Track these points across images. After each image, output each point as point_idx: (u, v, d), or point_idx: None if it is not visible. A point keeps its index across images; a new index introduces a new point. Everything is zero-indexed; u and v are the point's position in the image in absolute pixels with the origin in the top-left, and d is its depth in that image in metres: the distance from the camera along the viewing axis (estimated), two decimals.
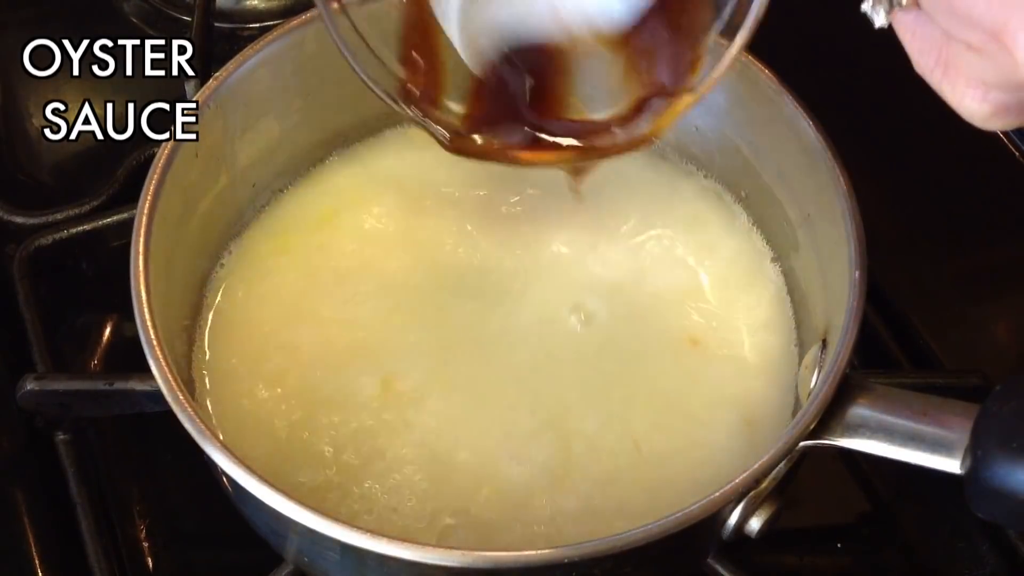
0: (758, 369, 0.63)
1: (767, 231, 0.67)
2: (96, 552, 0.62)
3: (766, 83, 0.61)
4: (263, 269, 0.66)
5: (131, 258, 0.55)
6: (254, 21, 0.85)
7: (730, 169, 0.68)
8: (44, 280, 0.72)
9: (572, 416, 0.60)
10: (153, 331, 0.53)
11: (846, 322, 0.53)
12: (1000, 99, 0.40)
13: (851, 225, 0.56)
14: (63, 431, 0.66)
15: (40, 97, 0.82)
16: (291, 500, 0.48)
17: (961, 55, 0.40)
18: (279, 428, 0.60)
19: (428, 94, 0.58)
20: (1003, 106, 0.41)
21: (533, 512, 0.57)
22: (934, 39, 0.41)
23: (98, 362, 0.71)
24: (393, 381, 0.61)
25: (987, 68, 0.39)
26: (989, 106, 0.41)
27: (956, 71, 0.41)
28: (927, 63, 0.42)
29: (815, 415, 0.51)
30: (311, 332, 0.63)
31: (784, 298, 0.65)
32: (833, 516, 0.67)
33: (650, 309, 0.64)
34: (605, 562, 0.48)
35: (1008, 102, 0.40)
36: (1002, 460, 0.46)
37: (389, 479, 0.58)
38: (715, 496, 0.49)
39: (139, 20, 0.89)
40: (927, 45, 0.42)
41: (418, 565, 0.47)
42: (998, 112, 0.41)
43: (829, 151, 0.58)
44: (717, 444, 0.60)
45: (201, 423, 0.50)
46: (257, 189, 0.68)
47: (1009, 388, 0.48)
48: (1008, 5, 0.37)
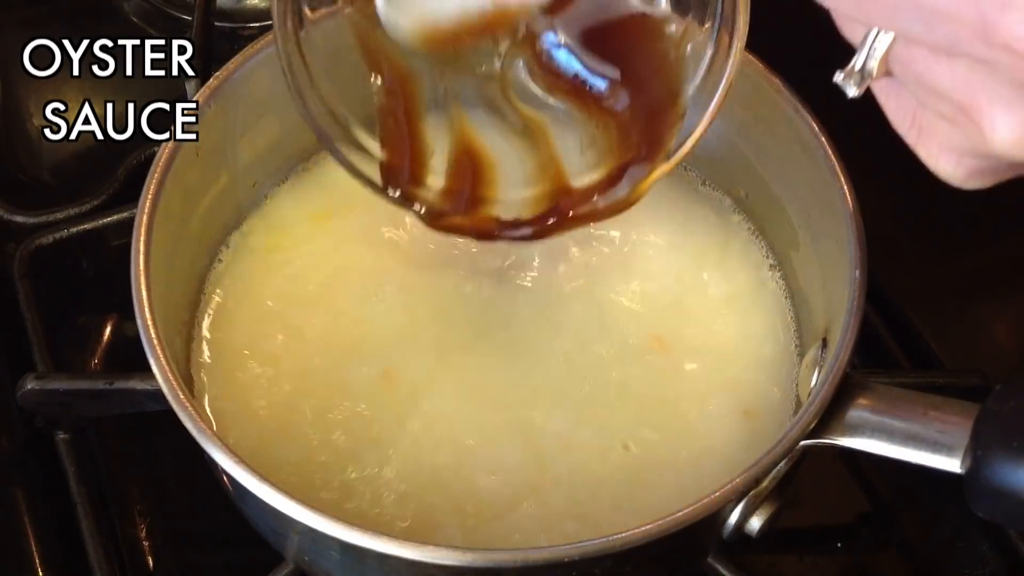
0: (758, 369, 0.63)
1: (767, 231, 0.67)
2: (96, 551, 0.62)
3: (767, 82, 0.61)
4: (263, 266, 0.66)
5: (131, 257, 0.55)
6: (254, 20, 0.86)
7: (730, 168, 0.68)
8: (44, 279, 0.72)
9: (568, 419, 0.60)
10: (153, 330, 0.53)
11: (846, 322, 0.53)
12: (974, 164, 0.41)
13: (851, 224, 0.56)
14: (63, 430, 0.66)
15: (40, 97, 0.82)
16: (292, 499, 0.48)
17: (934, 123, 0.41)
18: (277, 423, 0.60)
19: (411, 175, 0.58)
20: (977, 170, 0.41)
21: (519, 517, 0.57)
22: (908, 105, 0.42)
23: (98, 361, 0.71)
24: (394, 372, 0.61)
25: (959, 137, 0.40)
26: (963, 171, 0.41)
27: (929, 136, 0.41)
28: (902, 125, 0.42)
29: (815, 414, 0.51)
30: (311, 329, 0.63)
31: (784, 297, 0.65)
32: (833, 516, 0.67)
33: (650, 307, 0.64)
34: (605, 561, 0.49)
35: (982, 167, 0.41)
36: (1002, 459, 0.46)
37: (381, 473, 0.58)
38: (715, 495, 0.49)
39: (139, 20, 0.89)
40: (901, 109, 0.42)
41: (419, 564, 0.47)
42: (972, 176, 0.41)
43: (829, 150, 0.58)
44: (715, 446, 0.60)
45: (201, 422, 0.50)
46: (258, 188, 0.68)
47: (1009, 388, 0.48)
48: (974, 82, 0.37)
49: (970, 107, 0.38)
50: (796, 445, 0.51)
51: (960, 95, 0.38)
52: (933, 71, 0.38)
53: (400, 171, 0.58)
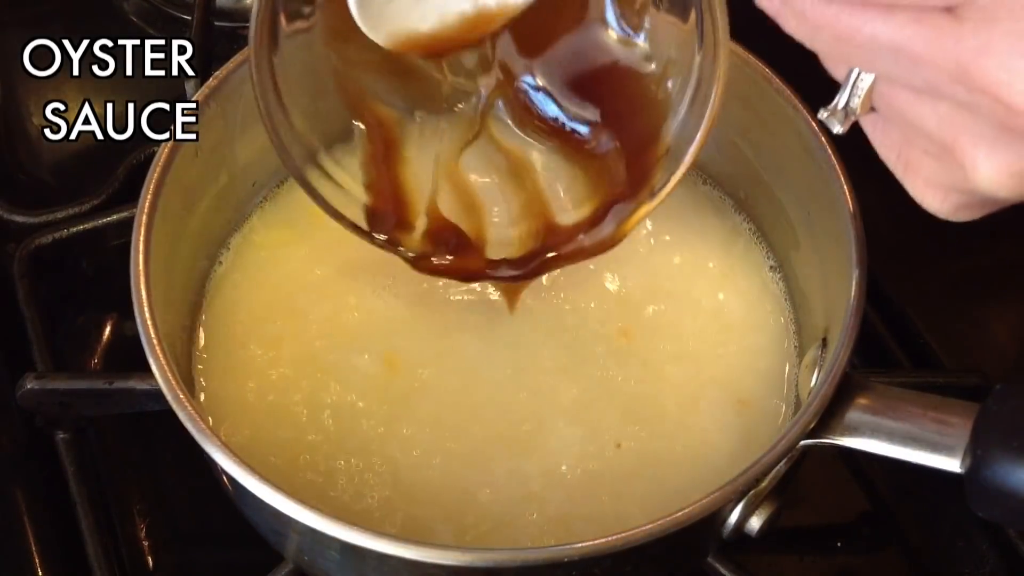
0: (758, 369, 0.63)
1: (767, 231, 0.67)
2: (96, 551, 0.62)
3: (766, 81, 0.61)
4: (262, 265, 0.66)
5: (131, 257, 0.55)
6: None
7: (729, 167, 0.68)
8: (44, 279, 0.72)
9: (572, 414, 0.60)
10: (153, 330, 0.53)
11: (846, 321, 0.53)
12: (960, 200, 0.41)
13: (851, 224, 0.56)
14: (63, 430, 0.66)
15: (40, 97, 0.82)
16: (291, 499, 0.48)
17: (920, 158, 0.41)
18: (274, 418, 0.60)
19: (397, 219, 0.59)
20: (964, 205, 0.41)
21: (508, 520, 0.57)
22: (894, 139, 0.42)
23: (98, 361, 0.71)
24: (395, 359, 0.61)
25: (944, 173, 0.40)
26: (950, 205, 0.42)
27: (916, 171, 0.42)
28: (889, 158, 0.43)
29: (815, 414, 0.51)
30: (310, 327, 0.63)
31: (784, 297, 0.65)
32: (833, 515, 0.67)
33: (649, 307, 0.64)
34: (604, 561, 0.48)
35: (969, 202, 0.41)
36: (1002, 459, 0.46)
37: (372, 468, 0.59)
38: (715, 495, 0.49)
39: (139, 19, 0.89)
40: (888, 143, 0.42)
41: (419, 564, 0.47)
42: (959, 210, 0.42)
43: (829, 149, 0.58)
44: (715, 445, 0.60)
45: (201, 422, 0.50)
46: (257, 187, 0.68)
47: (1009, 387, 0.48)
48: (957, 122, 0.37)
49: (953, 147, 0.38)
50: (796, 445, 0.51)
51: (943, 134, 0.38)
52: (916, 110, 0.39)
53: (386, 215, 0.58)
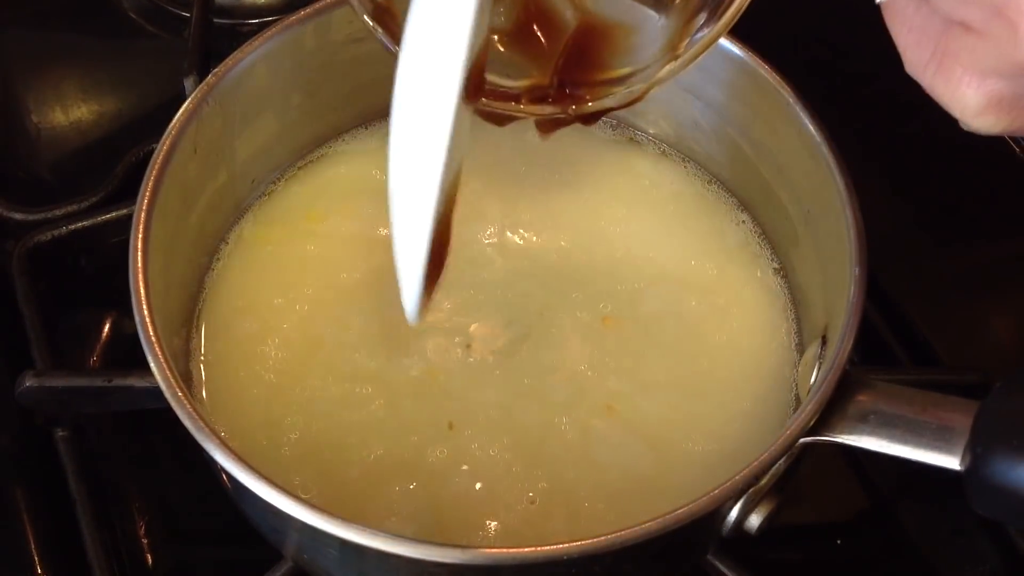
0: (758, 366, 0.63)
1: (767, 228, 0.67)
2: (95, 549, 0.62)
3: (766, 78, 0.61)
4: (261, 263, 0.66)
5: (130, 254, 0.55)
6: (253, 17, 0.85)
7: (729, 164, 0.68)
8: (43, 277, 0.72)
9: (574, 403, 0.61)
10: (152, 328, 0.53)
11: (846, 318, 0.53)
12: (996, 88, 0.40)
13: (851, 221, 0.56)
14: (62, 428, 0.66)
15: (39, 94, 0.81)
16: (291, 497, 0.48)
17: (959, 39, 0.40)
18: (274, 416, 0.60)
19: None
20: (998, 96, 0.41)
21: (510, 518, 0.57)
22: (931, 29, 0.41)
23: (97, 359, 0.71)
24: (395, 356, 0.62)
25: (986, 50, 0.39)
26: (984, 96, 0.41)
27: (953, 59, 0.41)
28: (921, 58, 0.42)
29: (815, 411, 0.51)
30: (309, 323, 0.63)
31: (784, 295, 0.65)
32: (833, 513, 0.67)
33: (648, 306, 0.64)
34: (605, 559, 0.48)
35: (1003, 92, 0.40)
36: (1002, 457, 0.46)
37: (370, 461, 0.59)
38: (715, 493, 0.49)
39: (138, 16, 0.89)
40: (923, 37, 0.42)
41: (418, 562, 0.47)
42: (992, 103, 0.41)
43: (829, 146, 0.58)
44: (714, 443, 0.60)
45: (200, 420, 0.50)
46: (256, 185, 0.68)
47: (1009, 385, 0.48)
48: None
49: (1006, 5, 0.37)
50: (795, 442, 0.51)
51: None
52: None
53: None
